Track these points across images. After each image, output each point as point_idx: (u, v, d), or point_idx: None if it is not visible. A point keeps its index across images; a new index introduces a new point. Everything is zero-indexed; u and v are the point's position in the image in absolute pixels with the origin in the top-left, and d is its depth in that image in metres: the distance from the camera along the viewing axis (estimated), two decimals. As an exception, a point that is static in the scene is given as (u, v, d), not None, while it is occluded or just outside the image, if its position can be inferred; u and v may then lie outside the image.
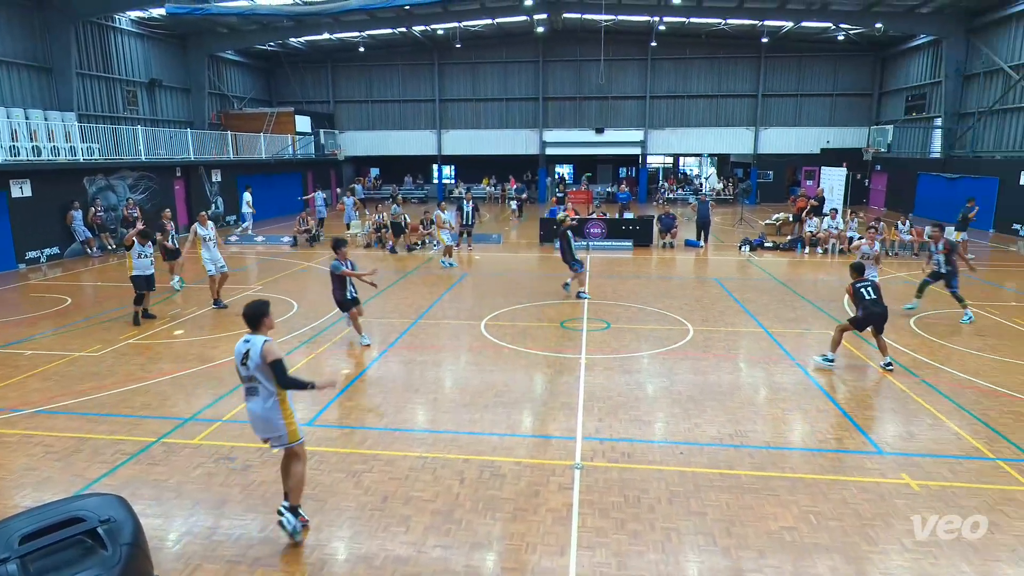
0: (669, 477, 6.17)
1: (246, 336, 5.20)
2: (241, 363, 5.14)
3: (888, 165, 32.59)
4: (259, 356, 5.04)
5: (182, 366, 9.29)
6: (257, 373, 5.09)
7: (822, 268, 17.30)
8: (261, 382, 5.12)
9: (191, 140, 24.77)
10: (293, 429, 5.26)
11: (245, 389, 5.26)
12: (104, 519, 3.09)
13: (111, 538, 3.03)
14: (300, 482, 5.32)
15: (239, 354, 5.16)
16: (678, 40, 34.21)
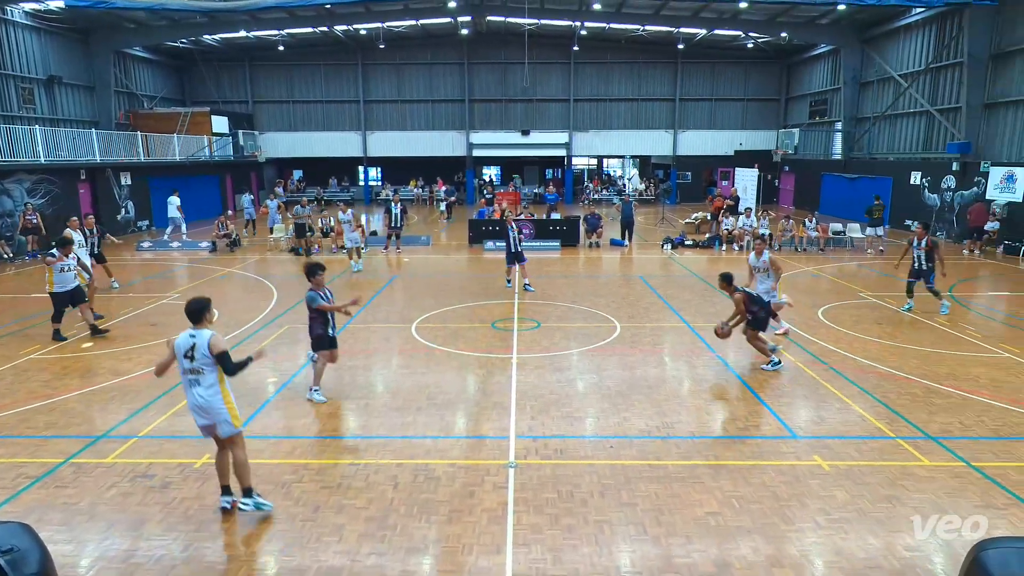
0: (601, 471, 6.32)
1: (190, 331, 5.54)
2: (185, 356, 5.46)
3: (795, 166, 34.63)
4: (207, 349, 5.44)
5: (92, 381, 8.74)
6: (203, 365, 5.46)
7: (738, 264, 18.12)
8: (204, 372, 5.48)
9: (96, 141, 23.26)
10: (235, 413, 5.61)
11: (187, 381, 5.53)
12: (6, 549, 2.89)
13: (15, 569, 2.83)
14: (246, 465, 5.65)
15: (184, 348, 5.47)
16: (600, 45, 35.10)
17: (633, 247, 21.11)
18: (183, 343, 5.48)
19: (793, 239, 20.38)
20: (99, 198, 23.33)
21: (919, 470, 6.33)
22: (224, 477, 5.66)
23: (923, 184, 23.85)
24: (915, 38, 24.90)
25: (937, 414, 7.60)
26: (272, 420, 7.57)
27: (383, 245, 20.30)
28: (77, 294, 10.74)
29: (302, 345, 10.39)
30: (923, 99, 24.43)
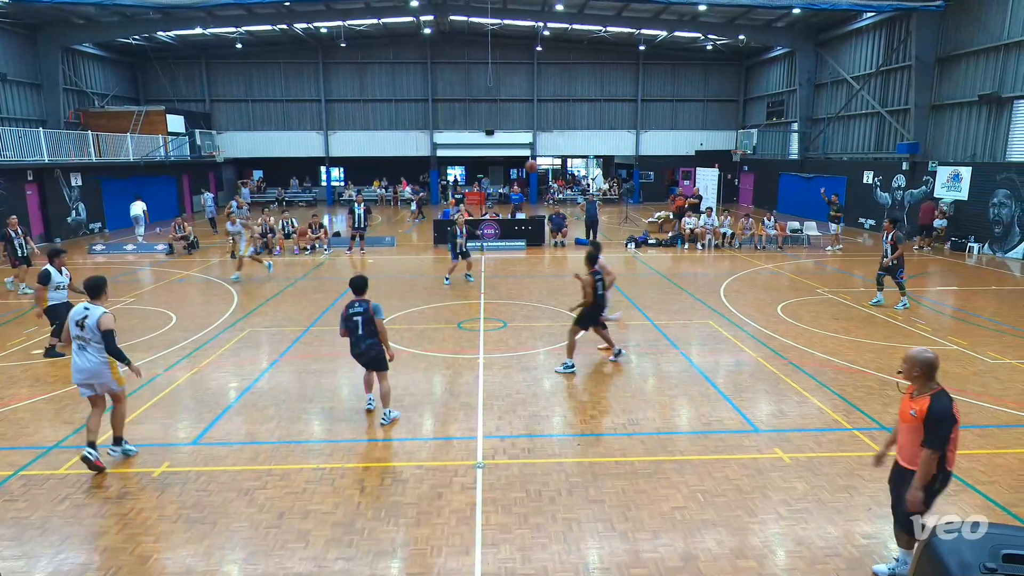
0: (568, 469, 6.36)
1: (86, 304, 6.32)
2: (76, 324, 6.23)
3: (754, 166, 35.43)
4: (96, 324, 6.17)
5: (42, 390, 8.42)
6: (91, 337, 6.20)
7: (700, 263, 18.46)
8: (91, 343, 6.23)
9: (44, 140, 22.38)
10: (119, 376, 6.45)
11: (77, 345, 6.30)
12: (-46, 565, 2.75)
13: (-37, 586, 2.71)
14: (125, 417, 6.64)
15: (76, 316, 6.26)
16: (562, 45, 35.34)
17: (598, 246, 21.27)
18: (77, 312, 6.27)
19: (753, 237, 20.83)
20: (47, 200, 22.48)
21: (875, 460, 6.53)
22: (92, 434, 6.28)
23: (875, 183, 24.64)
24: (866, 41, 25.72)
25: (891, 405, 7.85)
26: (234, 426, 7.41)
27: (347, 246, 20.05)
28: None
29: (264, 349, 10.22)
30: (874, 100, 25.25)
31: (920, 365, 4.45)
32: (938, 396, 4.38)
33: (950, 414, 4.31)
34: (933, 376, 4.47)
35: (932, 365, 4.45)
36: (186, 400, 8.13)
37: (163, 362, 9.53)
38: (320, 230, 20.29)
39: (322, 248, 20.01)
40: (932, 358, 4.46)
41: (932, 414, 4.32)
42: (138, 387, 8.47)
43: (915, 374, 4.49)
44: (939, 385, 4.46)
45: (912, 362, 4.49)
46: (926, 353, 4.48)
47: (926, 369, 4.44)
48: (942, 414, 4.30)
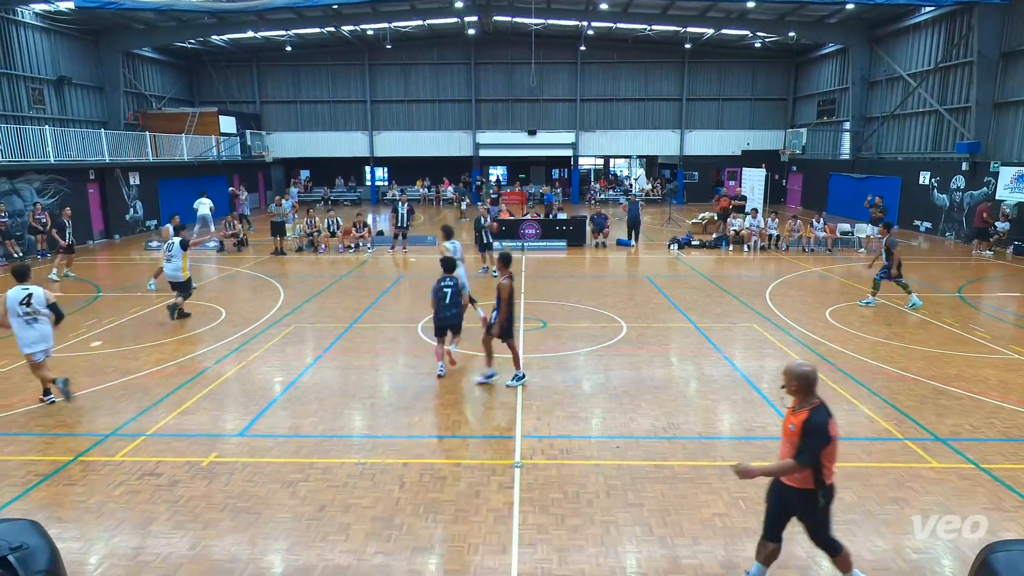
0: (607, 471, 6.31)
1: (24, 287, 7.61)
2: (22, 303, 7.53)
3: (803, 166, 34.49)
4: (43, 299, 7.65)
5: (100, 379, 8.80)
6: (40, 310, 7.62)
7: (745, 265, 18.09)
8: (41, 315, 7.65)
9: (106, 141, 23.37)
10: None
11: (26, 320, 7.58)
12: (16, 546, 2.89)
13: (24, 566, 2.84)
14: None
15: (18, 298, 7.54)
16: (606, 44, 35.07)
17: (639, 247, 21.07)
18: (16, 295, 7.54)
19: (800, 239, 20.27)
20: (108, 198, 23.46)
21: (927, 472, 6.29)
22: (46, 383, 7.85)
23: (932, 184, 23.69)
24: (924, 37, 24.75)
25: (946, 416, 7.55)
26: (278, 419, 7.59)
27: (390, 245, 20.33)
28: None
29: (308, 345, 10.45)
30: (932, 99, 24.27)
31: (798, 378, 4.29)
32: (815, 411, 4.20)
33: (825, 430, 4.14)
34: (812, 390, 4.30)
35: (809, 378, 4.28)
36: (234, 393, 8.38)
37: (213, 355, 9.84)
38: (364, 229, 20.62)
39: (366, 247, 20.34)
40: (809, 371, 4.29)
41: (805, 428, 4.17)
42: (190, 379, 8.79)
43: (794, 387, 4.32)
44: (819, 399, 4.29)
45: (790, 375, 4.33)
46: (804, 367, 4.33)
47: (803, 383, 4.28)
48: (816, 429, 4.14)
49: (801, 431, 4.17)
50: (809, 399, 4.28)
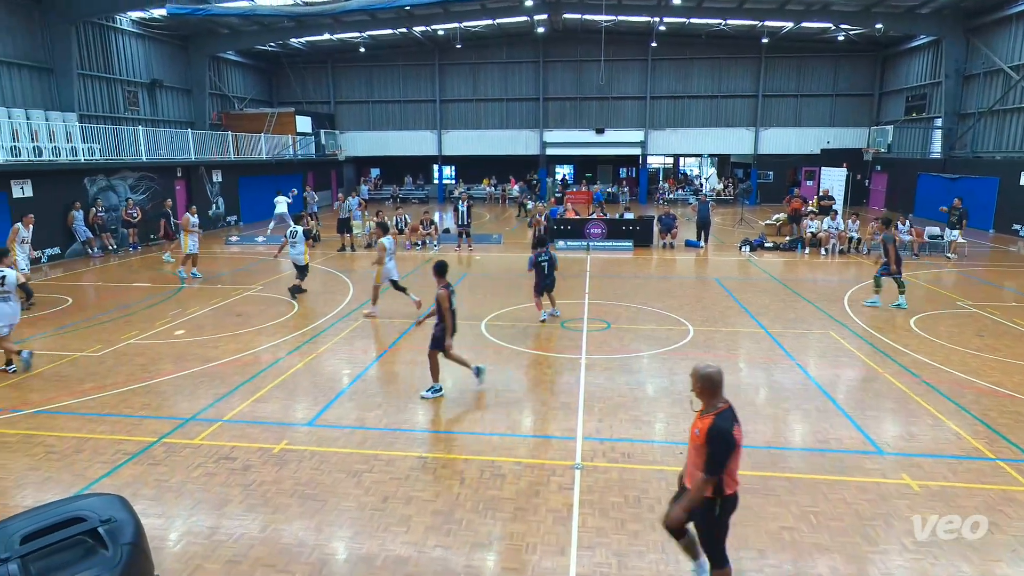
0: (670, 477, 6.15)
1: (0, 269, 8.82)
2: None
3: (888, 165, 32.62)
4: (14, 280, 8.93)
5: (183, 366, 9.30)
6: (10, 291, 8.82)
7: (822, 268, 17.30)
8: (11, 295, 8.85)
9: (192, 140, 24.75)
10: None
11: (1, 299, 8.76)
12: (105, 519, 3.09)
13: (112, 538, 3.02)
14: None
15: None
16: (678, 40, 34.24)
17: (709, 248, 20.50)
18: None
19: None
20: (193, 194, 24.79)
21: (1022, 495, 5.83)
22: (9, 354, 8.92)
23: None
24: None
25: (1046, 435, 6.98)
26: (345, 411, 7.81)
27: (455, 243, 20.58)
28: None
29: (374, 339, 10.70)
30: (1036, 93, 22.49)
31: (701, 380, 4.10)
32: (720, 416, 4.02)
33: (728, 436, 3.96)
34: (716, 393, 4.10)
35: (712, 380, 4.08)
36: (304, 384, 8.68)
37: (285, 347, 10.23)
38: (431, 226, 20.96)
39: (432, 244, 20.66)
40: (712, 373, 4.08)
41: (709, 434, 3.99)
42: (263, 369, 9.17)
43: (698, 389, 4.14)
44: (725, 404, 4.09)
45: (695, 377, 4.15)
46: (707, 368, 4.12)
47: (707, 385, 4.09)
48: (718, 435, 3.96)
49: (705, 437, 4.00)
50: (715, 403, 4.09)
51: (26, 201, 17.26)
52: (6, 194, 16.97)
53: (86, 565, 2.91)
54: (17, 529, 2.92)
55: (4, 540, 2.89)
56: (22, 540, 2.86)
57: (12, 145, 17.60)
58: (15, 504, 5.72)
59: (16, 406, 7.89)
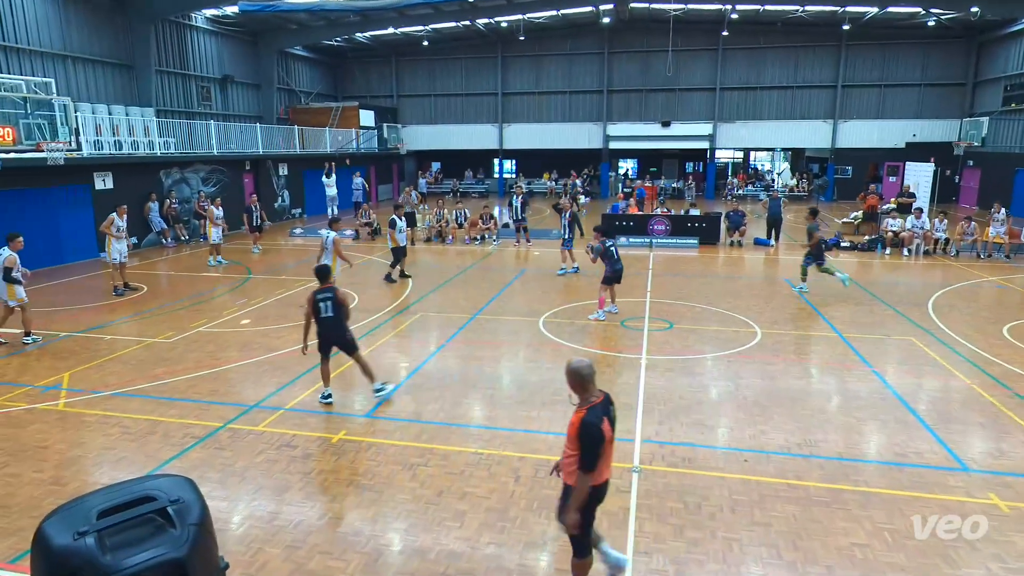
0: (732, 485, 5.92)
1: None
2: None
3: (982, 160, 30.36)
4: (3, 261, 9.71)
5: (248, 354, 9.60)
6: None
7: (904, 270, 16.32)
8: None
9: (260, 134, 25.60)
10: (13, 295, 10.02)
11: None
12: (174, 499, 3.18)
13: (180, 518, 3.12)
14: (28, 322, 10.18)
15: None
16: (751, 29, 32.92)
17: (780, 247, 19.66)
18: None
19: (975, 244, 17.88)
20: (260, 187, 25.64)
21: None
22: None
23: None
24: None
25: None
26: (402, 404, 7.87)
27: (513, 238, 20.51)
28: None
29: (432, 334, 10.76)
30: None
31: (570, 374, 4.19)
32: (591, 410, 4.08)
33: (596, 430, 4.01)
34: (586, 387, 4.17)
35: (580, 374, 4.14)
36: (362, 375, 8.76)
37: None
38: (490, 221, 20.97)
39: (491, 239, 20.67)
40: (580, 367, 4.15)
41: (580, 428, 4.06)
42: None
43: (570, 384, 4.22)
44: (598, 397, 4.17)
45: (566, 371, 4.23)
46: (576, 362, 4.20)
47: (575, 378, 4.17)
48: (585, 428, 4.03)
49: (576, 431, 4.06)
50: (587, 397, 4.15)
51: (107, 193, 18.25)
52: (90, 186, 17.99)
53: (156, 542, 3.02)
54: (94, 504, 3.06)
55: (83, 514, 3.01)
56: (99, 515, 2.99)
57: (96, 139, 18.59)
58: (93, 480, 6.02)
59: (95, 387, 8.33)
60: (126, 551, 2.89)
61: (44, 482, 6.06)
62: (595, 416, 4.05)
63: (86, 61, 21.24)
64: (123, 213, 13.74)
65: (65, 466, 6.36)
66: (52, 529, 2.90)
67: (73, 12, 20.52)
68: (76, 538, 2.84)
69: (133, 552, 2.89)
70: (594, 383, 4.21)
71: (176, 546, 2.99)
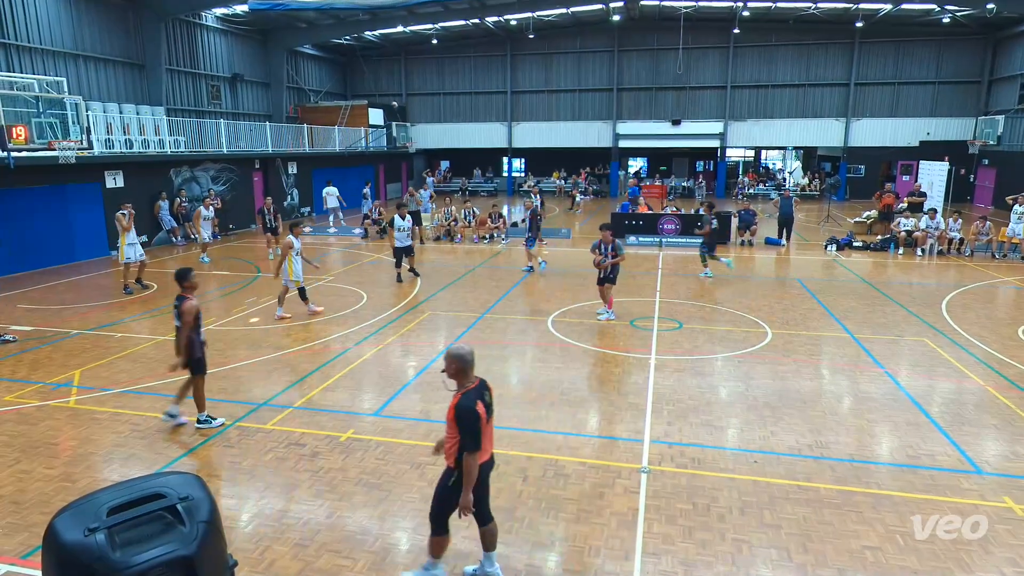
0: (742, 486, 5.87)
1: None
2: None
3: (997, 159, 29.99)
4: None
5: (257, 353, 9.63)
6: None
7: (917, 271, 16.16)
8: None
9: (269, 133, 25.67)
10: None
11: None
12: (183, 496, 3.20)
13: (189, 515, 3.15)
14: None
15: None
16: (762, 26, 32.68)
17: (791, 247, 19.53)
18: None
19: (990, 244, 17.67)
20: (269, 185, 25.74)
21: None
22: None
23: None
24: None
25: None
26: (411, 402, 7.86)
27: (524, 237, 20.46)
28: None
29: (441, 332, 10.76)
30: None
31: (448, 359, 4.36)
32: (465, 394, 4.27)
33: (471, 413, 4.20)
34: (466, 372, 4.35)
35: (460, 358, 4.32)
36: (371, 374, 8.81)
37: (354, 337, 10.44)
38: (499, 220, 20.96)
39: (500, 238, 20.65)
40: (461, 353, 4.33)
41: (456, 412, 4.25)
42: (332, 358, 9.37)
43: (451, 370, 4.36)
44: (474, 383, 4.35)
45: (446, 357, 4.40)
46: (457, 348, 4.37)
47: (455, 363, 4.33)
48: (461, 412, 4.22)
49: (453, 415, 4.25)
50: (463, 382, 4.33)
51: (118, 191, 18.35)
52: (100, 184, 18.10)
53: (165, 539, 3.05)
54: (105, 501, 3.09)
55: (94, 510, 3.05)
56: (109, 512, 3.02)
57: (106, 138, 18.71)
58: (103, 478, 6.06)
59: (105, 385, 8.38)
60: (136, 548, 2.90)
61: (55, 478, 6.10)
62: (469, 400, 4.24)
63: (97, 60, 21.39)
64: (131, 215, 13.79)
65: (76, 463, 6.40)
66: (63, 525, 2.92)
67: (84, 11, 20.67)
68: (87, 534, 2.86)
69: (143, 549, 2.90)
70: (472, 369, 4.40)
71: (185, 543, 3.01)
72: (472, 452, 4.24)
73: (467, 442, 4.23)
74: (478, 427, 4.22)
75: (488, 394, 4.46)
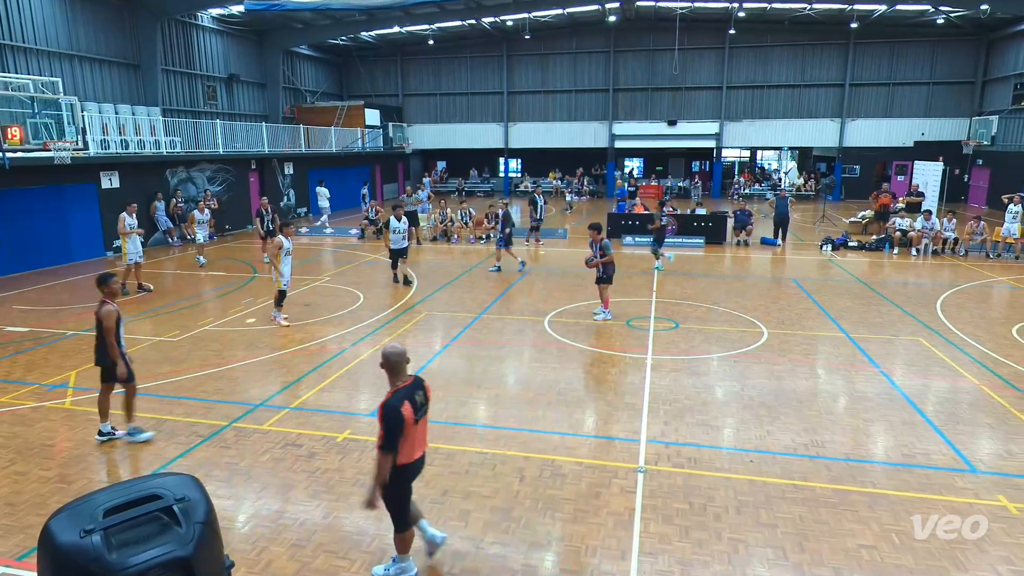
0: (738, 486, 5.89)
1: None
2: None
3: (991, 159, 30.14)
4: None
5: (253, 353, 9.62)
6: None
7: (912, 270, 16.22)
8: None
9: (266, 133, 25.63)
10: None
11: None
12: (180, 498, 3.20)
13: (186, 516, 3.14)
14: None
15: None
16: (758, 27, 32.80)
17: (787, 247, 19.59)
18: None
19: (984, 244, 17.73)
20: (265, 186, 25.67)
21: None
22: None
23: None
24: None
25: None
26: (408, 402, 7.85)
27: (524, 237, 20.49)
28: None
29: (437, 333, 10.76)
30: None
31: (383, 357, 4.39)
32: (395, 394, 4.29)
33: (396, 413, 4.18)
34: (398, 371, 4.37)
35: (391, 358, 4.35)
36: (368, 374, 8.79)
37: (351, 337, 10.43)
38: (495, 220, 20.93)
39: (497, 237, 20.61)
40: (393, 352, 4.35)
41: (382, 411, 4.24)
42: (329, 359, 9.37)
43: (384, 367, 4.40)
44: (406, 381, 4.37)
45: (381, 355, 4.42)
46: (390, 347, 4.40)
47: (387, 361, 4.37)
48: (385, 412, 4.21)
49: (380, 414, 4.23)
50: (395, 381, 4.36)
51: (113, 192, 18.31)
52: (95, 185, 18.04)
53: (161, 541, 3.04)
54: (101, 502, 3.09)
55: (90, 512, 3.04)
56: (105, 513, 3.01)
57: (102, 138, 18.64)
58: (99, 479, 6.05)
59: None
60: (132, 549, 2.89)
61: (50, 480, 6.09)
62: (397, 400, 4.25)
63: (93, 60, 21.33)
64: (132, 211, 13.78)
65: (71, 464, 6.39)
66: (58, 527, 2.92)
67: (80, 11, 20.62)
68: (83, 536, 2.85)
69: (139, 550, 2.90)
70: (405, 368, 4.43)
71: (182, 544, 3.00)
72: (386, 452, 4.24)
73: (385, 440, 4.23)
74: (398, 428, 4.21)
75: (422, 393, 4.48)
